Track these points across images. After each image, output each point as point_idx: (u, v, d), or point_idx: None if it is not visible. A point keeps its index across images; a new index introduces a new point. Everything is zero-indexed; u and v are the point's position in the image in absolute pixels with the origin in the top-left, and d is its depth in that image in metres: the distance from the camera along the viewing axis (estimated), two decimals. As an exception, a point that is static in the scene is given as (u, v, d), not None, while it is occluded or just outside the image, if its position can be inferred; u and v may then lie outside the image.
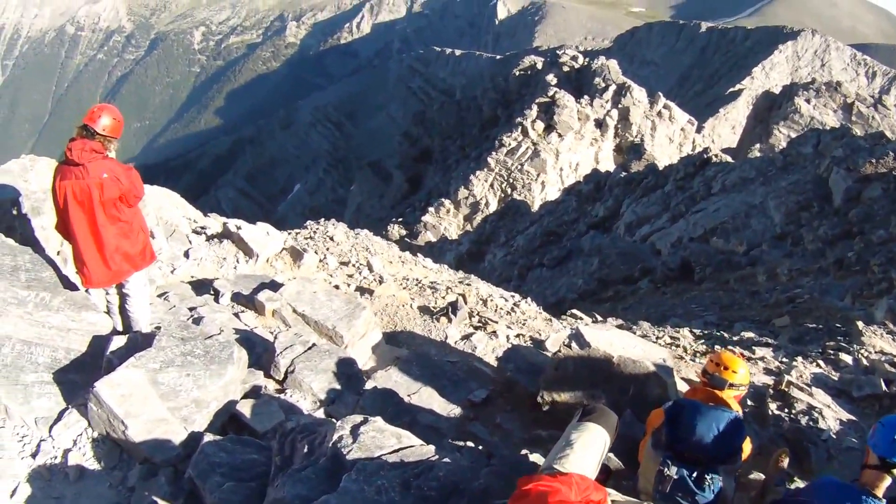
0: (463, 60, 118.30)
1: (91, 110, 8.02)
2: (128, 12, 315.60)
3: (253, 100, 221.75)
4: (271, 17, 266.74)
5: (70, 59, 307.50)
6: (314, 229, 20.51)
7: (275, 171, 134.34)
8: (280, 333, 9.36)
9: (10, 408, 6.99)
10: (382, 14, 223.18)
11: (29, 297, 8.08)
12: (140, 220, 8.77)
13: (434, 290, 15.51)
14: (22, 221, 11.77)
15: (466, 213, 50.24)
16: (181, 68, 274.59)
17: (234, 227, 15.51)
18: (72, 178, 7.79)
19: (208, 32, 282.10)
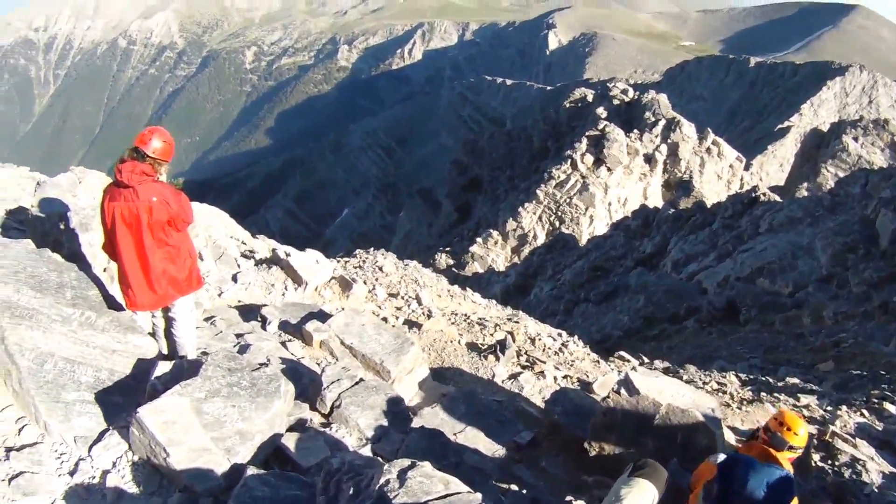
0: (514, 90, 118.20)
1: (142, 133, 8.06)
2: (180, 29, 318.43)
3: (303, 121, 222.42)
4: (323, 39, 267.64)
5: (122, 73, 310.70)
6: (363, 258, 20.62)
7: (324, 193, 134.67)
8: (328, 367, 9.43)
9: (49, 424, 7.04)
10: (434, 41, 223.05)
11: (74, 315, 8.08)
12: (188, 244, 8.72)
13: (482, 327, 15.37)
14: (69, 237, 11.98)
15: (514, 245, 50.24)
16: (232, 87, 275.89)
17: (283, 254, 15.67)
18: (121, 199, 7.86)
19: (260, 52, 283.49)
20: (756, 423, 12.30)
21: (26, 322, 7.63)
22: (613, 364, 16.40)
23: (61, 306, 8.02)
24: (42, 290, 8.18)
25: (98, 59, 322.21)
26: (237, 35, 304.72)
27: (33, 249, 8.98)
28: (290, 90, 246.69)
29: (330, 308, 13.64)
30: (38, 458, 6.72)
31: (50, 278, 8.44)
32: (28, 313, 7.74)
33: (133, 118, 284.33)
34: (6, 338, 7.36)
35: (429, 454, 7.66)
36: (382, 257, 21.00)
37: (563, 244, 46.25)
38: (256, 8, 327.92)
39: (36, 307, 7.87)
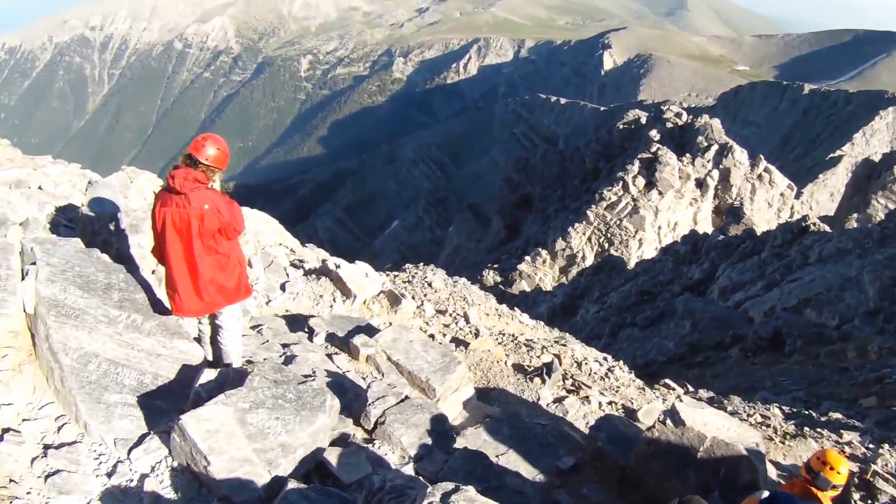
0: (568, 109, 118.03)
1: (196, 140, 8.10)
2: (236, 34, 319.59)
3: (356, 132, 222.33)
4: (379, 51, 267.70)
5: (177, 75, 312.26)
6: (413, 273, 20.91)
7: (374, 205, 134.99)
8: (373, 383, 9.39)
9: (89, 425, 7.15)
10: (490, 57, 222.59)
11: (120, 318, 8.14)
12: (238, 253, 8.68)
13: (529, 348, 15.40)
14: (119, 237, 12.07)
15: (562, 265, 50.28)
16: (287, 94, 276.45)
17: (333, 266, 15.73)
18: (172, 205, 7.84)
19: (315, 61, 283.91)
20: (798, 459, 12.52)
21: (72, 321, 7.76)
22: (658, 392, 16.51)
23: (108, 307, 8.17)
24: (89, 290, 8.30)
25: (153, 61, 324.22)
26: (293, 43, 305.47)
27: (82, 249, 9.17)
28: (345, 100, 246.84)
29: (377, 322, 13.82)
30: (75, 457, 6.89)
31: (98, 279, 8.57)
32: (74, 313, 7.87)
33: (186, 120, 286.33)
34: (51, 336, 7.52)
35: (471, 476, 7.94)
36: (432, 273, 21.12)
37: (611, 266, 46.26)
38: (313, 17, 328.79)
39: (82, 307, 8.00)
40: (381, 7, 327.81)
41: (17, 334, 7.73)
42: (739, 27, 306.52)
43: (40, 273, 8.06)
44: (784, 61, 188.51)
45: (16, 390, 7.45)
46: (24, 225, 14.41)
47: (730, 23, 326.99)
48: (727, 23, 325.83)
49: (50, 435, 7.13)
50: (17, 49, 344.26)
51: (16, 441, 6.85)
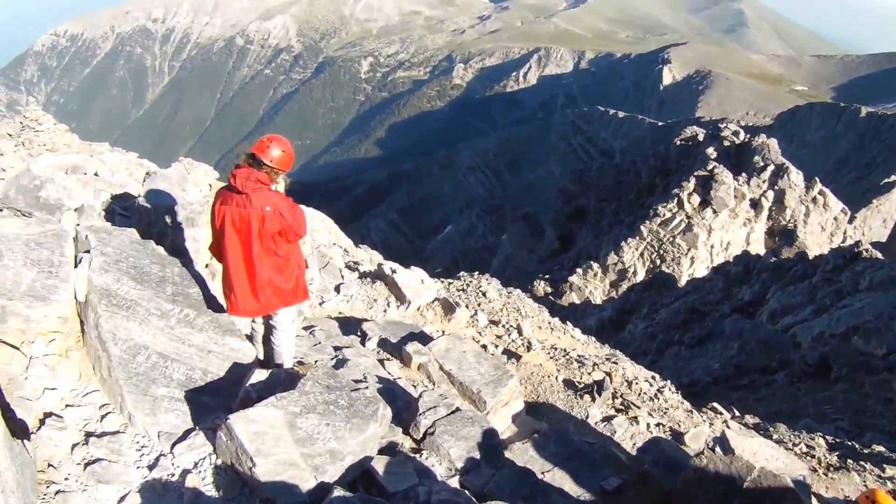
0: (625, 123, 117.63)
1: (261, 140, 8.11)
2: (297, 33, 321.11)
3: (414, 136, 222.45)
4: (439, 56, 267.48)
5: (237, 70, 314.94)
6: (467, 281, 20.84)
7: (428, 209, 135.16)
8: (425, 392, 9.27)
9: (134, 416, 7.16)
10: (550, 67, 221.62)
11: (173, 312, 8.18)
12: (298, 256, 8.61)
13: (581, 365, 15.33)
14: (175, 230, 12.26)
15: (613, 279, 50.26)
16: (346, 95, 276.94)
17: (389, 270, 15.79)
18: (232, 204, 7.88)
19: (376, 64, 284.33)
20: (840, 492, 12.67)
21: (123, 312, 7.81)
22: (705, 415, 16.46)
23: (161, 300, 8.22)
24: (143, 282, 8.33)
25: (214, 56, 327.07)
26: (354, 44, 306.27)
27: (137, 240, 9.22)
28: (403, 103, 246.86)
29: (430, 330, 13.89)
30: (117, 447, 6.92)
31: (152, 271, 8.63)
32: (126, 303, 7.92)
33: (245, 116, 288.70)
34: (100, 325, 7.57)
35: (517, 493, 7.99)
36: (486, 282, 21.02)
37: (661, 283, 46.22)
38: (375, 19, 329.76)
39: (135, 298, 8.04)
40: (442, 13, 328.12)
41: (66, 320, 7.76)
42: (799, 46, 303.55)
43: (94, 261, 8.16)
44: (842, 83, 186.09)
45: (61, 376, 7.53)
46: (79, 211, 14.73)
47: (789, 42, 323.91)
48: (787, 41, 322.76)
49: (93, 423, 7.22)
50: (78, 37, 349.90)
51: (57, 426, 6.93)
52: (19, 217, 9.59)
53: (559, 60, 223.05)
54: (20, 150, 19.50)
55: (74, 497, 6.18)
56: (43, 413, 7.03)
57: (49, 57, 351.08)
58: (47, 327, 7.53)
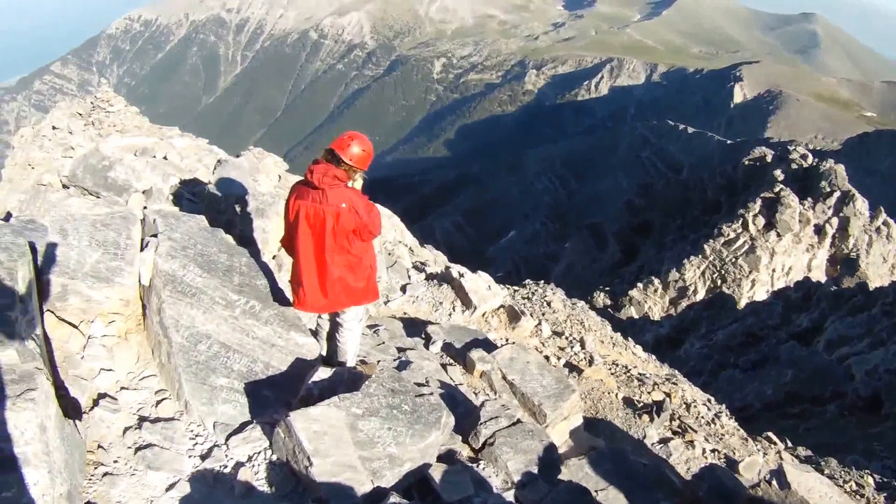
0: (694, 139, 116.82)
1: (341, 137, 7.95)
2: (371, 30, 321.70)
3: (483, 139, 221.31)
4: (512, 61, 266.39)
5: (309, 64, 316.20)
6: (533, 290, 21.07)
7: (493, 212, 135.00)
8: (487, 402, 9.04)
9: (190, 404, 7.16)
10: (622, 78, 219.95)
11: (238, 302, 8.16)
12: (371, 256, 8.52)
13: (641, 383, 15.35)
14: (244, 219, 12.39)
15: (673, 296, 50.15)
16: (417, 94, 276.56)
17: (456, 274, 15.79)
18: (308, 199, 7.82)
19: (449, 65, 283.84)
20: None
21: (187, 299, 7.82)
22: (760, 444, 16.23)
23: (227, 290, 8.23)
24: (210, 270, 8.34)
25: (287, 48, 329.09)
26: (428, 44, 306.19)
27: (206, 227, 9.22)
28: (474, 106, 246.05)
29: (495, 337, 13.96)
30: (171, 434, 6.94)
31: (219, 260, 8.64)
32: (191, 291, 7.93)
33: (315, 109, 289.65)
34: (163, 310, 7.57)
35: None
36: (552, 292, 21.13)
37: (721, 304, 46.02)
38: (450, 21, 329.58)
39: (200, 286, 8.05)
40: (517, 17, 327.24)
41: (127, 303, 7.80)
42: (870, 71, 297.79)
43: (161, 246, 8.19)
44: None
45: (118, 358, 7.55)
46: (147, 194, 15.18)
47: (861, 66, 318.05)
48: (858, 66, 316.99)
49: (147, 408, 7.25)
50: (152, 22, 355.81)
51: (111, 408, 6.96)
52: (87, 197, 9.71)
53: (631, 72, 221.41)
54: (89, 130, 19.90)
55: (122, 481, 6.26)
56: (97, 394, 7.14)
57: (122, 40, 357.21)
58: (108, 308, 7.66)
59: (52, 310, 7.26)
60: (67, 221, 7.99)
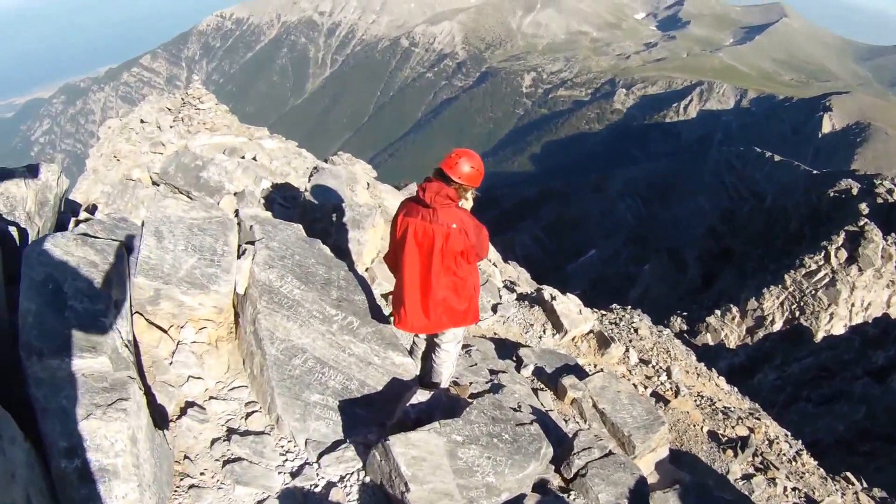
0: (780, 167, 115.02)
1: (450, 155, 7.87)
2: (463, 41, 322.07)
3: (569, 155, 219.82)
4: (602, 79, 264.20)
5: (399, 71, 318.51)
6: (620, 315, 21.25)
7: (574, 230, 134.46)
8: (581, 432, 8.88)
9: (282, 419, 7.15)
10: (711, 102, 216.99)
11: (336, 317, 8.21)
12: (475, 278, 8.36)
13: (726, 416, 15.39)
14: (339, 229, 12.55)
15: (750, 325, 49.74)
16: (505, 107, 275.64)
17: (548, 296, 15.85)
18: (418, 217, 7.76)
19: (538, 79, 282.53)
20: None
21: (284, 311, 7.87)
22: (838, 484, 16.24)
23: (324, 304, 8.29)
24: (307, 282, 8.43)
25: (377, 54, 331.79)
26: (518, 58, 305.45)
27: (304, 237, 9.35)
28: (562, 122, 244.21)
29: (583, 362, 14.07)
30: (260, 448, 6.90)
31: (317, 272, 8.71)
32: (288, 303, 8.00)
33: (403, 116, 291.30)
34: (259, 321, 7.62)
35: None
36: (638, 318, 21.33)
37: (797, 336, 45.50)
38: (542, 35, 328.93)
39: (298, 299, 8.12)
40: (609, 35, 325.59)
41: (220, 310, 7.78)
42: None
43: (258, 255, 8.31)
44: None
45: (208, 366, 7.61)
46: (239, 196, 15.61)
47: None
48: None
49: (236, 419, 7.24)
50: (244, 21, 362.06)
51: (199, 418, 7.00)
52: (178, 196, 9.88)
53: (721, 96, 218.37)
54: (179, 126, 20.42)
55: (208, 494, 6.27)
56: (185, 402, 7.18)
57: (213, 37, 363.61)
58: (200, 315, 7.64)
59: (142, 313, 7.33)
60: (163, 223, 8.06)
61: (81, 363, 5.57)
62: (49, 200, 9.44)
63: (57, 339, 5.67)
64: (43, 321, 5.77)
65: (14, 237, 7.81)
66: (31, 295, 5.98)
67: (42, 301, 5.94)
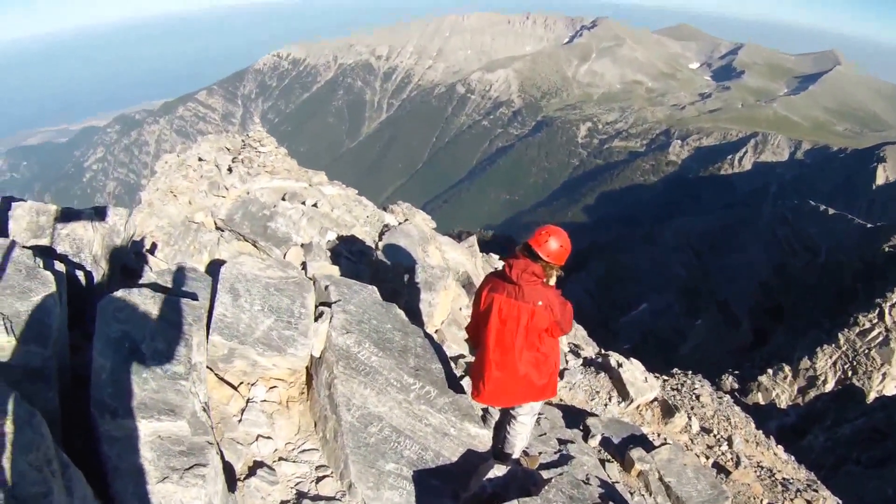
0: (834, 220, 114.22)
1: (538, 232, 7.92)
2: (519, 89, 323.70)
3: (622, 207, 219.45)
4: (657, 130, 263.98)
5: (455, 117, 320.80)
6: (682, 381, 21.03)
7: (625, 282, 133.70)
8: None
9: (355, 486, 7.01)
10: (766, 154, 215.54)
11: (414, 386, 8.10)
12: (556, 353, 8.33)
13: (785, 489, 15.07)
14: (410, 290, 12.69)
15: (802, 384, 49.21)
16: (560, 157, 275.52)
17: (615, 363, 15.79)
18: (504, 293, 7.78)
19: (594, 129, 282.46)
20: None
21: (361, 377, 7.83)
22: None
23: (402, 372, 8.18)
24: (385, 349, 8.33)
25: (434, 99, 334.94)
26: (574, 107, 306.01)
27: (379, 300, 9.28)
28: (617, 174, 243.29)
29: (648, 431, 14.05)
30: None
31: (394, 338, 8.62)
32: (365, 369, 7.94)
33: (457, 163, 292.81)
34: (335, 386, 7.59)
35: None
36: (699, 384, 21.11)
37: (849, 396, 44.95)
38: (597, 85, 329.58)
39: (375, 366, 8.05)
40: (664, 85, 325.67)
41: (294, 372, 7.89)
42: None
43: (336, 319, 8.30)
44: None
45: (278, 426, 7.54)
46: (306, 248, 15.74)
47: None
48: None
49: (306, 483, 7.12)
50: (301, 62, 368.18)
51: (269, 479, 6.91)
52: (257, 255, 9.94)
53: (776, 148, 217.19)
54: (238, 167, 20.70)
55: None
56: (253, 461, 7.10)
57: (269, 77, 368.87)
58: (273, 374, 7.71)
59: (213, 369, 7.40)
60: (239, 281, 8.18)
61: (159, 425, 5.63)
62: (116, 244, 9.59)
63: (133, 399, 5.77)
64: (118, 379, 5.86)
65: (80, 279, 7.90)
66: (106, 352, 6.07)
67: (118, 359, 6.03)
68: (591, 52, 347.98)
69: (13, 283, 6.38)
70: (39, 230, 8.67)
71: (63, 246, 8.49)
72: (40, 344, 5.82)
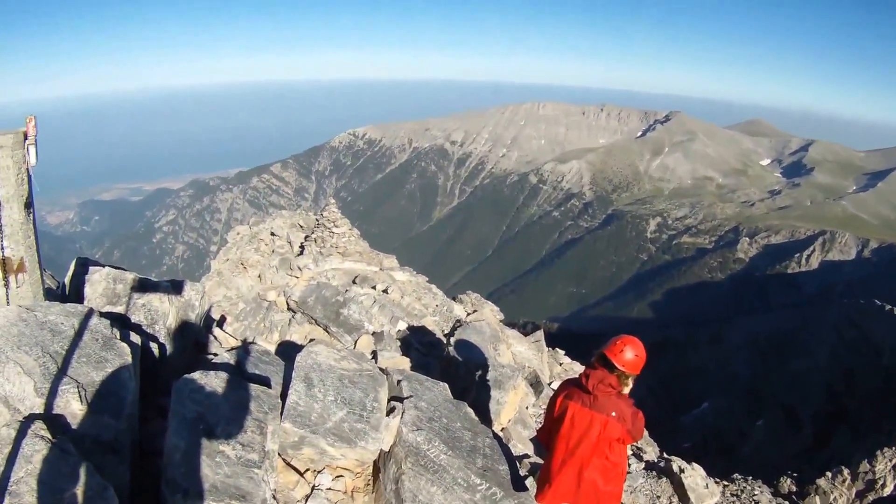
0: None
1: (614, 342, 8.16)
2: (590, 181, 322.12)
3: (689, 304, 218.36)
4: (726, 227, 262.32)
5: (526, 207, 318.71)
6: (742, 486, 20.85)
7: (688, 380, 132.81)
8: None
9: None
10: (833, 252, 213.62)
11: (480, 487, 8.05)
12: (624, 462, 8.41)
13: None
14: (480, 387, 12.88)
15: (861, 488, 48.95)
16: (629, 251, 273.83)
17: (677, 468, 15.67)
18: (578, 402, 7.98)
19: (663, 224, 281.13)
20: None
21: (429, 475, 7.84)
22: None
23: (470, 472, 8.18)
24: (454, 447, 8.39)
25: (506, 188, 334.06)
26: (644, 202, 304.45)
27: (450, 398, 9.45)
28: (684, 270, 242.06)
29: None
30: None
31: (464, 437, 8.73)
32: (434, 467, 7.97)
33: (526, 253, 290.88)
34: (402, 482, 7.64)
35: None
36: (759, 491, 20.98)
37: (906, 499, 44.91)
38: (668, 179, 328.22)
39: (443, 464, 8.08)
40: (735, 182, 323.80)
41: (361, 462, 7.97)
42: None
43: (407, 415, 8.44)
44: None
45: None
46: (377, 337, 16.16)
47: None
48: None
49: None
50: (376, 142, 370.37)
51: None
52: (332, 345, 10.24)
53: (843, 246, 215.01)
54: (311, 247, 21.17)
55: None
56: None
57: (344, 155, 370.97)
58: (340, 464, 7.87)
59: (282, 454, 7.62)
60: (313, 370, 8.44)
61: (230, 510, 5.64)
62: (191, 319, 9.87)
63: (205, 481, 5.99)
64: (192, 461, 6.11)
65: (153, 351, 8.23)
66: (181, 432, 6.35)
67: (193, 440, 6.29)
68: (663, 147, 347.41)
69: (89, 352, 6.74)
70: (115, 297, 9.20)
71: (138, 316, 8.95)
72: (113, 416, 6.22)
